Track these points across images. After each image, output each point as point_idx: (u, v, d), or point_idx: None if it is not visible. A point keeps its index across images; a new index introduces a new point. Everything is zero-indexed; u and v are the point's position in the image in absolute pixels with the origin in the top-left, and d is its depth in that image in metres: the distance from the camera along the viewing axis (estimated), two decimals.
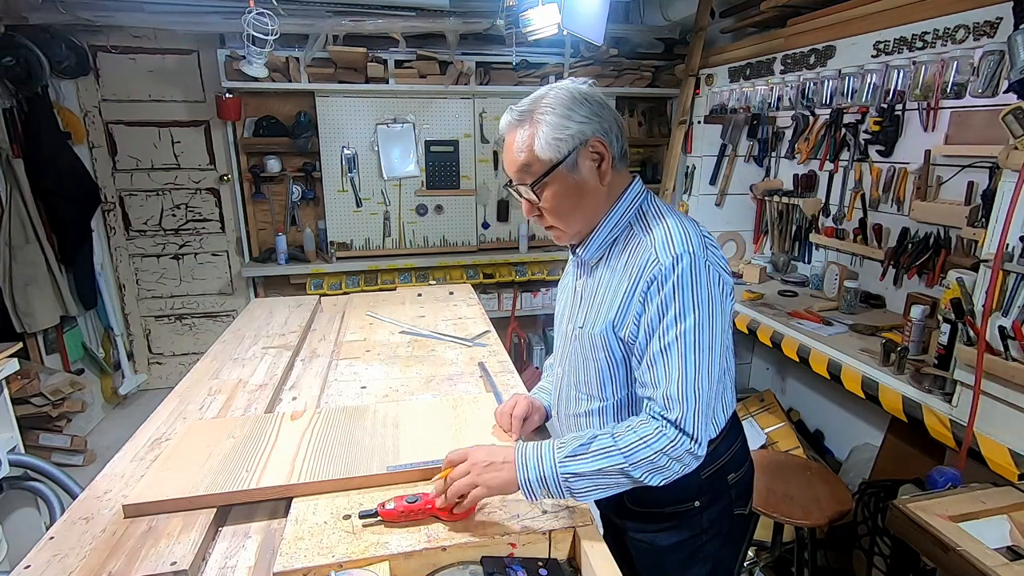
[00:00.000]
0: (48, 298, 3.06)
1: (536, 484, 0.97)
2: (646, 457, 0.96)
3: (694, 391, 0.97)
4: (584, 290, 1.14)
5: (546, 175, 1.03)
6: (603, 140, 1.04)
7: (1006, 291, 1.58)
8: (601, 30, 2.44)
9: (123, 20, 2.97)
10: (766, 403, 3.05)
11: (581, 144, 1.02)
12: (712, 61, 3.22)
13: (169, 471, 1.14)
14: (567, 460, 0.97)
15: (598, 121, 1.03)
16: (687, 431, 0.96)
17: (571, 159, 1.02)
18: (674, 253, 0.98)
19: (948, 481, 1.61)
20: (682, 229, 1.02)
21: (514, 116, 1.06)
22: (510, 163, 1.07)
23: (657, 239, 1.01)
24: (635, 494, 1.13)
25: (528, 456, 0.99)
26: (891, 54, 2.09)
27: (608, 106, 1.06)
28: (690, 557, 1.18)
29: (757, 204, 3.46)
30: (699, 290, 0.98)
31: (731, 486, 1.18)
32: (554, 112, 1.01)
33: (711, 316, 0.99)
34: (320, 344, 1.96)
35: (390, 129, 3.67)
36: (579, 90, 1.04)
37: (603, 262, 1.10)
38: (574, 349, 1.15)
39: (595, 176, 1.05)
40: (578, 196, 1.06)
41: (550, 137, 1.01)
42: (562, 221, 1.09)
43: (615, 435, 0.98)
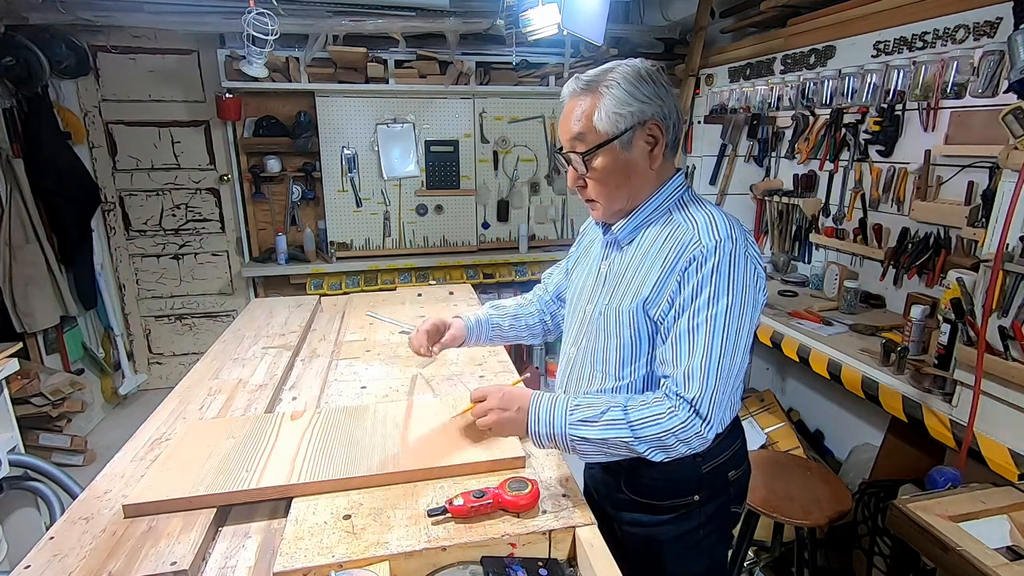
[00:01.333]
0: (48, 298, 3.06)
1: (545, 438, 1.03)
2: (654, 434, 0.97)
3: (715, 373, 0.97)
4: (611, 269, 1.14)
5: (599, 147, 1.03)
6: (661, 124, 1.04)
7: (1006, 291, 1.58)
8: (601, 30, 2.44)
9: (123, 20, 2.97)
10: (766, 403, 3.05)
11: (639, 124, 1.03)
12: (712, 61, 3.22)
13: (169, 471, 1.14)
14: (578, 424, 1.00)
15: (660, 104, 1.03)
16: (700, 412, 0.97)
17: (627, 136, 1.03)
18: (718, 237, 0.99)
19: (948, 481, 1.62)
20: (726, 219, 1.03)
21: (579, 84, 1.05)
22: (565, 130, 1.07)
23: (700, 224, 1.02)
24: (634, 484, 1.14)
25: (541, 411, 1.03)
26: (891, 54, 2.09)
27: (672, 91, 1.06)
28: (688, 551, 1.18)
29: (757, 204, 3.46)
30: (736, 277, 0.98)
31: (730, 483, 1.19)
32: (620, 87, 1.01)
33: (743, 305, 0.99)
34: (320, 344, 1.96)
35: (390, 129, 3.67)
36: (647, 69, 1.05)
37: (636, 242, 1.10)
38: (595, 327, 1.14)
39: (646, 158, 1.05)
40: (625, 174, 1.06)
41: (611, 110, 1.01)
42: (604, 196, 1.10)
43: (627, 408, 0.99)
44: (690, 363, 0.98)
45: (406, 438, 1.24)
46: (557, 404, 1.03)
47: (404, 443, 1.22)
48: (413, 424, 1.30)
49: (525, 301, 1.50)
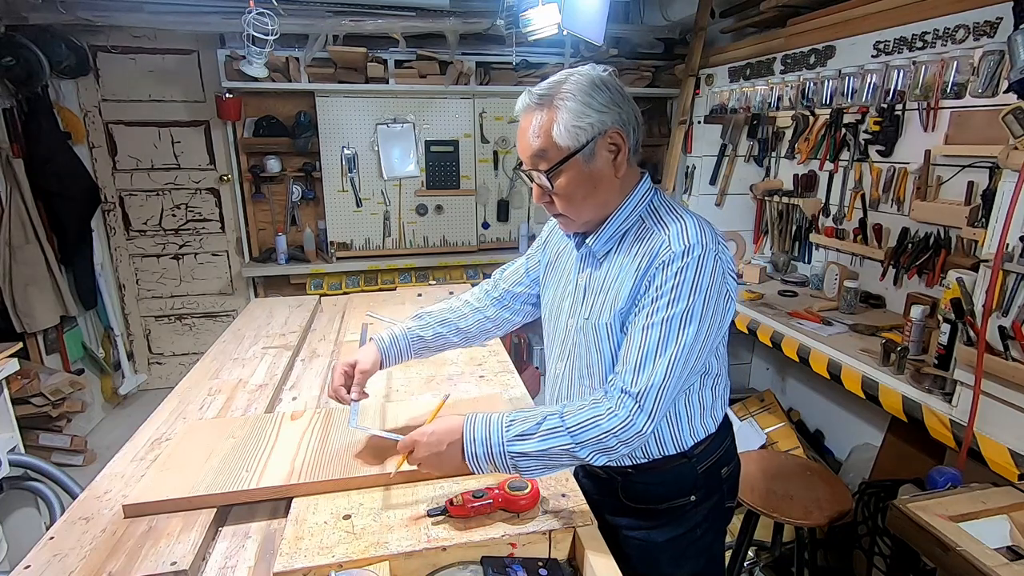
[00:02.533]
0: (48, 298, 3.06)
1: (483, 460, 0.98)
2: (594, 437, 0.95)
3: (664, 370, 0.95)
4: (590, 282, 1.13)
5: (562, 163, 1.01)
6: (621, 131, 1.02)
7: (1006, 291, 1.58)
8: (601, 30, 2.44)
9: (123, 20, 2.97)
10: (766, 403, 3.05)
11: (600, 134, 1.00)
12: (712, 61, 3.22)
13: (169, 471, 1.14)
14: (514, 440, 0.97)
15: (618, 111, 1.01)
16: (644, 407, 0.95)
17: (589, 148, 1.00)
18: (687, 243, 0.98)
19: (948, 481, 1.61)
20: (697, 225, 1.02)
21: (532, 99, 1.02)
22: (524, 147, 1.05)
23: (672, 231, 1.01)
24: (631, 491, 1.14)
25: (476, 431, 0.99)
26: (891, 54, 2.09)
27: (628, 96, 1.04)
28: (685, 552, 1.18)
29: (757, 204, 3.46)
30: (701, 281, 0.97)
31: (724, 480, 1.20)
32: (575, 99, 0.99)
33: (704, 308, 0.98)
34: (320, 344, 1.96)
35: (390, 129, 3.67)
36: (600, 77, 1.02)
37: (611, 254, 1.09)
38: (578, 342, 1.13)
39: (611, 167, 1.04)
40: (592, 186, 1.04)
41: (569, 124, 0.99)
42: (573, 210, 1.07)
43: (564, 415, 0.97)
44: (639, 359, 0.96)
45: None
46: (492, 422, 0.99)
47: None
48: (413, 424, 1.30)
49: (460, 303, 1.39)
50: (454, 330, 1.35)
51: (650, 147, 4.25)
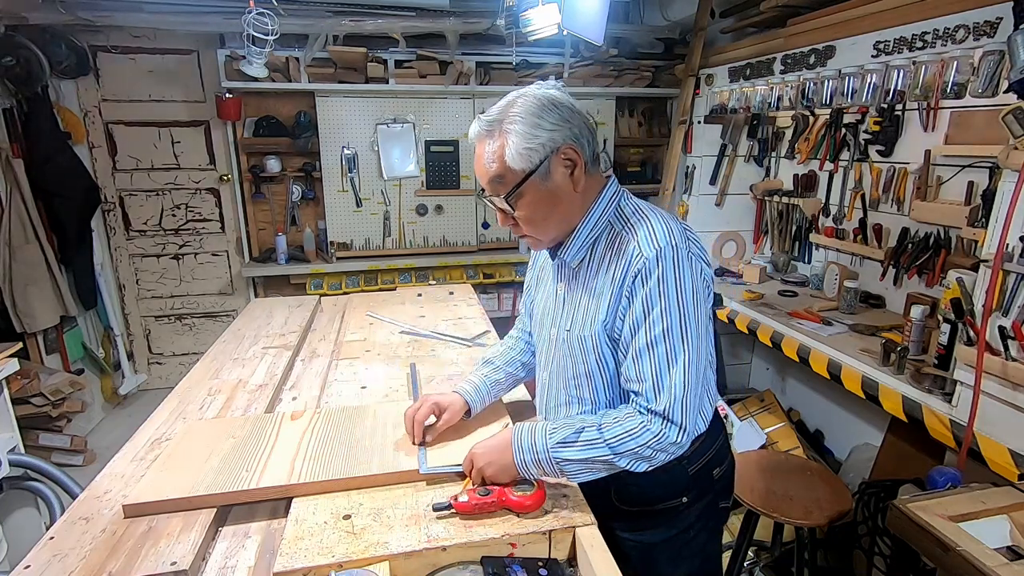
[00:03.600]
0: (48, 298, 3.06)
1: (532, 466, 1.04)
2: (631, 449, 0.99)
3: (682, 383, 0.98)
4: (568, 293, 1.14)
5: (519, 186, 1.02)
6: (575, 146, 1.03)
7: (1006, 291, 1.58)
8: (601, 30, 2.44)
9: (123, 20, 2.97)
10: (766, 403, 3.05)
11: (552, 152, 1.01)
12: (712, 61, 3.22)
13: (169, 471, 1.14)
14: (558, 447, 1.02)
15: (568, 127, 1.02)
16: (675, 420, 0.98)
17: (543, 168, 1.01)
18: (657, 246, 0.99)
19: (948, 481, 1.61)
20: (664, 224, 1.03)
21: (482, 126, 1.04)
22: (482, 174, 1.06)
23: (640, 234, 1.02)
24: (624, 494, 1.15)
25: (523, 441, 1.05)
26: (891, 54, 2.09)
27: (578, 110, 1.05)
28: (679, 553, 1.19)
29: (757, 204, 3.46)
30: (683, 284, 0.99)
31: (716, 480, 1.20)
32: (523, 121, 1.00)
33: (696, 308, 1.00)
34: (320, 344, 1.96)
35: (390, 129, 3.67)
36: (547, 96, 1.03)
37: (585, 263, 1.10)
38: (562, 353, 1.15)
39: (568, 183, 1.04)
40: (552, 204, 1.05)
41: (520, 147, 0.99)
42: (538, 229, 1.09)
43: (601, 427, 1.01)
44: (655, 377, 0.99)
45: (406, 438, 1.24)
46: (536, 431, 1.05)
47: (404, 444, 1.22)
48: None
49: (511, 340, 1.45)
50: (519, 366, 1.40)
51: (650, 147, 4.26)
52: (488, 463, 1.07)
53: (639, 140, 4.16)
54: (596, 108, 3.95)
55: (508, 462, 1.06)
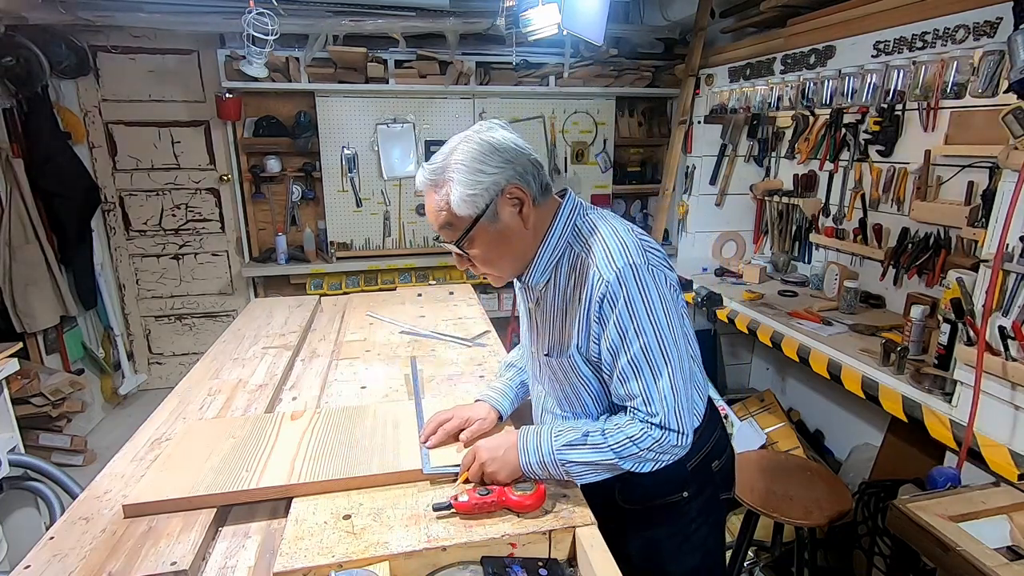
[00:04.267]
0: (48, 298, 3.06)
1: (537, 467, 1.07)
2: (634, 453, 1.02)
3: (671, 392, 1.00)
4: (538, 316, 1.16)
5: (468, 231, 1.04)
6: (519, 185, 1.03)
7: (1006, 291, 1.58)
8: (601, 30, 2.44)
9: (123, 20, 2.97)
10: (766, 403, 3.05)
11: (498, 194, 1.02)
12: (712, 61, 3.22)
13: (169, 471, 1.14)
14: (564, 449, 1.05)
15: (511, 167, 1.02)
16: (672, 428, 1.01)
17: (490, 210, 1.02)
18: (616, 268, 0.99)
19: (948, 481, 1.62)
20: (617, 239, 1.03)
21: (427, 176, 1.05)
22: (432, 222, 1.08)
23: (597, 256, 1.02)
24: (627, 493, 1.16)
25: (528, 444, 1.08)
26: (891, 54, 2.09)
27: (520, 148, 1.05)
28: (681, 547, 1.20)
29: (757, 204, 3.46)
30: (650, 298, 1.00)
31: (715, 473, 1.21)
32: (465, 168, 1.01)
33: (668, 317, 1.01)
34: (320, 344, 1.96)
35: (390, 129, 3.67)
36: (488, 140, 1.03)
37: (549, 285, 1.11)
38: (547, 374, 1.17)
39: (518, 221, 1.05)
40: (505, 243, 1.06)
41: (465, 194, 1.00)
42: (494, 268, 1.11)
43: (605, 432, 1.03)
44: (644, 391, 1.01)
45: (406, 439, 1.24)
46: (542, 434, 1.08)
47: (404, 444, 1.22)
48: (413, 424, 1.30)
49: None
50: None
51: (650, 147, 4.26)
52: (491, 460, 1.08)
53: (639, 140, 4.16)
54: (596, 108, 3.95)
55: (512, 462, 1.07)
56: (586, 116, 3.95)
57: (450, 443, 1.23)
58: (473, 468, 1.09)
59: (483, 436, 1.23)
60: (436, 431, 1.22)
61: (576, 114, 3.93)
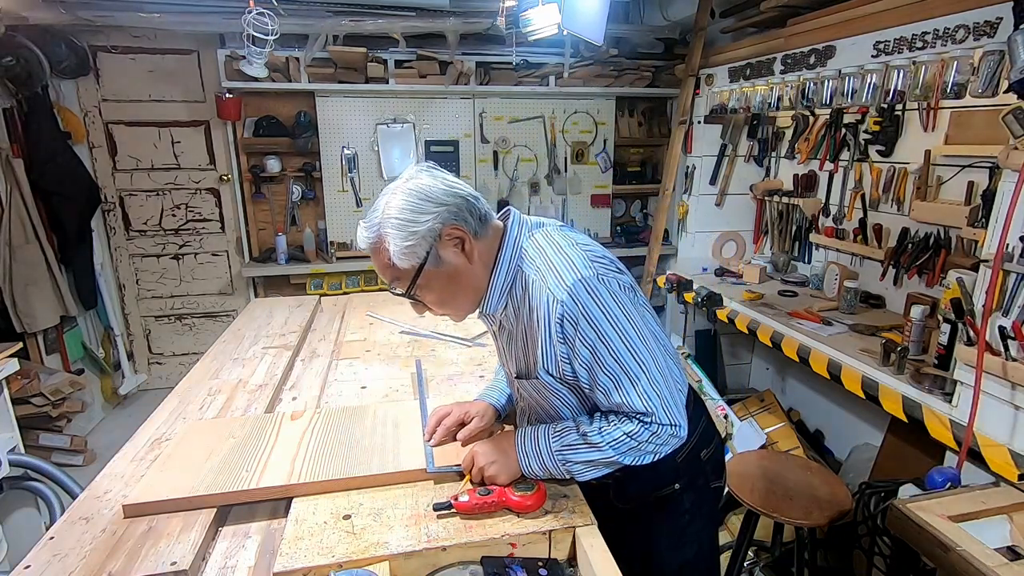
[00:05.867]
0: (48, 298, 3.06)
1: (538, 469, 1.08)
2: (633, 447, 1.03)
3: (654, 392, 1.01)
4: (503, 340, 1.16)
5: (415, 280, 1.04)
6: (456, 224, 1.02)
7: (1006, 291, 1.58)
8: (601, 30, 2.44)
9: (123, 20, 2.97)
10: (766, 403, 3.05)
11: (435, 240, 1.01)
12: (712, 61, 3.22)
13: (169, 471, 1.14)
14: (563, 451, 1.06)
15: (444, 210, 1.01)
16: (661, 421, 1.01)
17: (432, 257, 1.02)
18: (566, 286, 0.99)
19: (948, 481, 1.61)
20: (561, 256, 1.03)
21: (367, 235, 1.05)
22: (383, 276, 1.09)
23: (547, 276, 1.02)
24: (620, 491, 1.18)
25: (527, 448, 1.09)
26: (891, 54, 2.09)
27: (451, 187, 1.04)
28: (678, 540, 1.21)
29: (757, 204, 3.46)
30: (608, 308, 0.99)
31: (705, 462, 1.22)
32: (397, 221, 1.00)
33: (630, 320, 1.01)
34: (320, 344, 1.96)
35: (390, 129, 3.67)
36: (416, 188, 1.02)
37: (508, 311, 1.11)
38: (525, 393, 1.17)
39: (462, 258, 1.04)
40: (455, 282, 1.06)
41: (403, 248, 1.00)
42: (451, 308, 1.12)
43: (602, 430, 1.04)
44: (626, 399, 1.01)
45: (406, 438, 1.24)
46: (540, 436, 1.09)
47: (404, 444, 1.22)
48: (413, 424, 1.30)
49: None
50: None
51: (650, 147, 4.26)
52: (490, 463, 1.08)
53: (639, 140, 4.16)
54: (596, 108, 3.95)
55: (511, 463, 1.08)
56: (586, 116, 3.95)
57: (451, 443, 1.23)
58: (473, 472, 1.10)
59: (481, 433, 1.24)
60: (436, 428, 1.24)
61: (576, 114, 3.93)
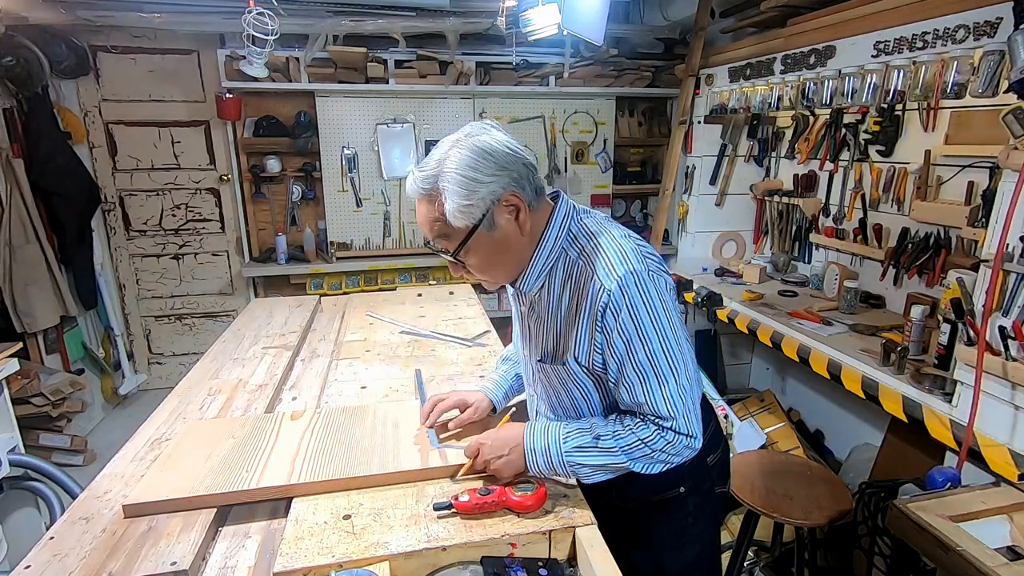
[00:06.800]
0: (48, 298, 3.06)
1: (544, 468, 1.06)
2: (646, 455, 1.01)
3: (679, 398, 1.00)
4: (531, 321, 1.14)
5: (465, 241, 1.01)
6: (516, 192, 1.00)
7: (1006, 291, 1.58)
8: (601, 30, 2.44)
9: (123, 20, 2.97)
10: (766, 403, 3.05)
11: (494, 203, 0.99)
12: (712, 61, 3.22)
13: (169, 471, 1.14)
14: (573, 452, 1.04)
15: (507, 174, 0.99)
16: (683, 432, 1.00)
17: (487, 220, 0.99)
18: (617, 276, 0.98)
19: (948, 481, 1.61)
20: (616, 246, 1.01)
21: (420, 185, 1.01)
22: (426, 231, 1.05)
23: (597, 264, 1.00)
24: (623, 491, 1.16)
25: (536, 444, 1.06)
26: (891, 54, 2.09)
27: (514, 151, 1.01)
28: (679, 541, 1.21)
29: (757, 204, 3.46)
30: (652, 306, 0.98)
31: (711, 467, 1.21)
32: (459, 177, 0.96)
33: (671, 322, 1.01)
34: (320, 344, 1.96)
35: (390, 129, 3.67)
36: (481, 145, 0.99)
37: (544, 291, 1.09)
38: (539, 377, 1.17)
39: (515, 227, 1.03)
40: (502, 250, 1.04)
41: (460, 205, 0.97)
42: (491, 274, 1.09)
43: (617, 434, 1.02)
44: (650, 398, 1.00)
45: (406, 438, 1.24)
46: (550, 434, 1.06)
47: (404, 443, 1.22)
48: (413, 424, 1.30)
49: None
50: None
51: (650, 147, 4.26)
52: (495, 456, 1.08)
53: (639, 140, 4.16)
54: (596, 108, 3.95)
55: (517, 459, 1.07)
56: (586, 116, 3.95)
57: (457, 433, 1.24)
58: (477, 462, 1.09)
59: (473, 425, 1.26)
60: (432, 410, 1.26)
61: (576, 114, 3.93)
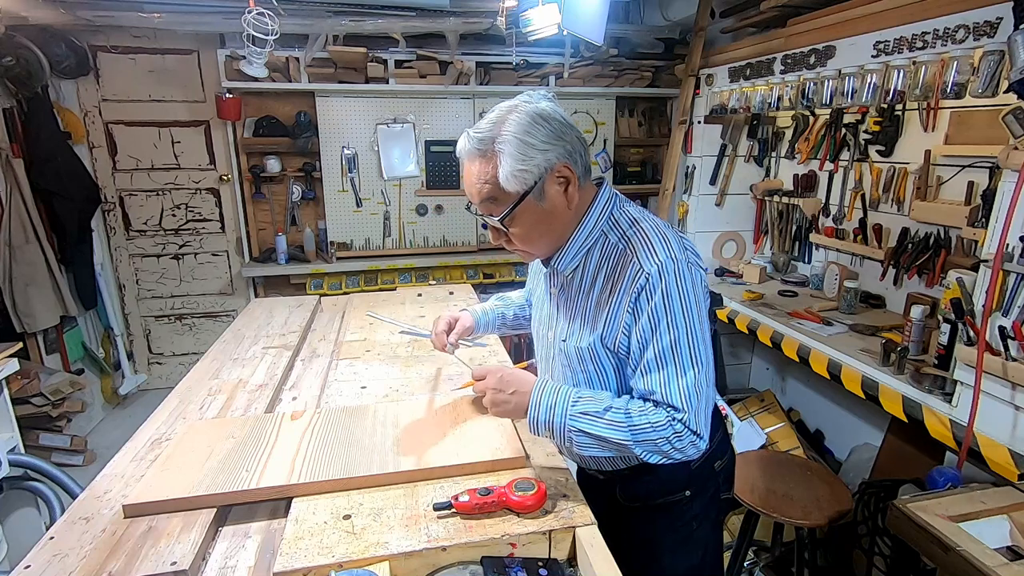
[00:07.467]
0: (48, 298, 3.06)
1: (543, 426, 1.04)
2: (651, 440, 0.99)
3: (695, 393, 0.99)
4: (561, 300, 1.14)
5: (514, 207, 1.01)
6: (569, 164, 1.00)
7: (1006, 291, 1.58)
8: (601, 30, 2.44)
9: (123, 20, 2.97)
10: (766, 403, 3.05)
11: (547, 171, 0.99)
12: (712, 61, 3.22)
13: (169, 471, 1.14)
14: (579, 416, 1.01)
15: (562, 144, 0.99)
16: (692, 429, 0.99)
17: (538, 188, 0.99)
18: (658, 261, 0.98)
19: (948, 481, 1.62)
20: (660, 234, 1.02)
21: (473, 144, 1.00)
22: (473, 193, 1.04)
23: (638, 248, 1.01)
24: (628, 491, 1.16)
25: (544, 398, 1.04)
26: (891, 54, 2.08)
27: (570, 124, 1.02)
28: (682, 545, 1.20)
29: (757, 204, 3.46)
30: (686, 296, 0.99)
31: (717, 473, 1.21)
32: (516, 141, 0.96)
33: (700, 318, 1.01)
34: (320, 344, 1.96)
35: (390, 129, 3.67)
36: (539, 111, 0.99)
37: (578, 271, 1.09)
38: (560, 361, 1.16)
39: (563, 200, 1.03)
40: (547, 222, 1.04)
41: (515, 169, 0.97)
42: (532, 245, 1.09)
43: (629, 411, 1.00)
44: (669, 392, 0.99)
45: (406, 438, 1.24)
46: (560, 393, 1.04)
47: (404, 443, 1.22)
48: (413, 424, 1.30)
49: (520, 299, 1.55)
50: (525, 317, 1.47)
51: (650, 147, 4.26)
52: (497, 390, 1.07)
53: (639, 140, 4.16)
54: (596, 108, 3.95)
55: (516, 405, 1.06)
56: (586, 116, 3.95)
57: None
58: (479, 386, 1.11)
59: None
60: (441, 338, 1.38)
61: (576, 114, 3.93)
